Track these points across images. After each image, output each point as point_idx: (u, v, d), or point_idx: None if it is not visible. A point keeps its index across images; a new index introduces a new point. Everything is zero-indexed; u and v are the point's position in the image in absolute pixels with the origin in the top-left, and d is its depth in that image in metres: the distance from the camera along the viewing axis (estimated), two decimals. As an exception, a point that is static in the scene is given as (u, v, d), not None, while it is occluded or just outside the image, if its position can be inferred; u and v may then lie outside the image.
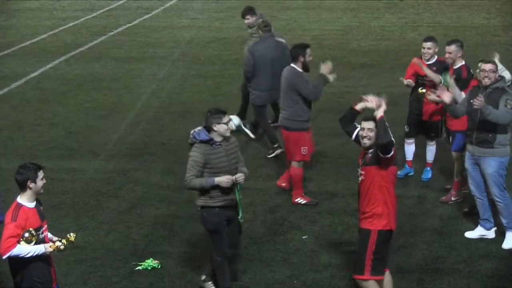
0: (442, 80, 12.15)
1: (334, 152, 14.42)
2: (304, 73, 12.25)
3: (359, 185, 9.13)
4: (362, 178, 9.04)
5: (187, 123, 15.98)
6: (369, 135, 8.95)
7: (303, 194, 12.44)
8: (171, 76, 20.00)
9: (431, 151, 13.21)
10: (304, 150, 12.23)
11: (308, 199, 12.44)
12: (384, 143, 8.72)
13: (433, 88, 12.26)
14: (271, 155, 14.37)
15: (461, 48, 12.11)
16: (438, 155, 13.30)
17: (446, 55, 12.09)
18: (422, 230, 11.48)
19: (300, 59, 12.18)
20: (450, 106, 10.85)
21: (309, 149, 12.38)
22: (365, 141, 9.00)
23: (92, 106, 17.65)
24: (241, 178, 9.43)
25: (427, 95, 12.23)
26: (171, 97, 18.23)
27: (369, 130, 8.94)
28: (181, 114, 16.93)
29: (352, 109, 9.33)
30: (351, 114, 9.36)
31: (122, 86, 19.17)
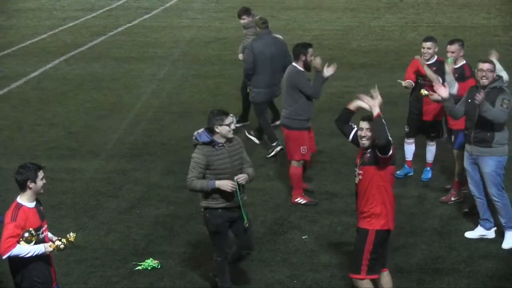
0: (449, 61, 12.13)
1: (334, 152, 14.42)
2: (306, 72, 12.26)
3: (356, 185, 9.12)
4: (360, 178, 9.03)
5: (187, 123, 16.01)
6: (368, 135, 8.94)
7: (303, 194, 12.45)
8: (171, 76, 20.00)
9: (431, 151, 13.22)
10: (304, 149, 12.22)
11: (308, 199, 12.43)
12: (383, 143, 8.71)
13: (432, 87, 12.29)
14: (271, 154, 14.37)
15: (462, 47, 12.15)
16: (438, 155, 13.30)
17: (449, 54, 12.09)
18: (422, 230, 11.48)
19: (302, 58, 12.18)
20: (446, 101, 10.77)
21: (309, 148, 12.38)
22: (364, 141, 8.99)
23: (92, 106, 17.65)
24: (241, 179, 9.35)
25: (429, 96, 12.24)
26: (171, 97, 18.23)
27: (367, 130, 8.93)
28: (181, 114, 16.93)
29: (347, 109, 9.32)
30: (345, 114, 9.34)
31: (122, 86, 19.16)
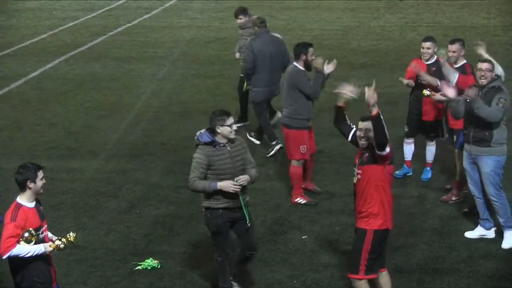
0: (438, 52, 12.24)
1: (334, 152, 14.42)
2: (306, 72, 12.26)
3: (355, 184, 9.10)
4: (359, 177, 9.02)
5: (187, 123, 16.01)
6: (367, 135, 8.94)
7: (303, 194, 12.45)
8: (171, 76, 20.00)
9: (431, 151, 13.21)
10: (303, 148, 12.22)
11: (308, 199, 12.43)
12: (382, 141, 8.69)
13: (434, 88, 12.31)
14: (271, 153, 14.37)
15: (463, 47, 12.16)
16: (438, 155, 13.30)
17: (450, 54, 12.11)
18: (422, 230, 11.48)
19: (302, 57, 12.18)
20: (453, 102, 10.79)
21: (309, 148, 12.38)
22: (363, 141, 8.97)
23: (92, 106, 17.65)
24: (242, 179, 9.28)
25: (432, 96, 12.26)
26: (171, 97, 18.23)
27: (366, 130, 8.92)
28: (181, 114, 16.93)
29: (337, 107, 9.31)
30: (338, 111, 9.32)
31: (122, 86, 19.16)
